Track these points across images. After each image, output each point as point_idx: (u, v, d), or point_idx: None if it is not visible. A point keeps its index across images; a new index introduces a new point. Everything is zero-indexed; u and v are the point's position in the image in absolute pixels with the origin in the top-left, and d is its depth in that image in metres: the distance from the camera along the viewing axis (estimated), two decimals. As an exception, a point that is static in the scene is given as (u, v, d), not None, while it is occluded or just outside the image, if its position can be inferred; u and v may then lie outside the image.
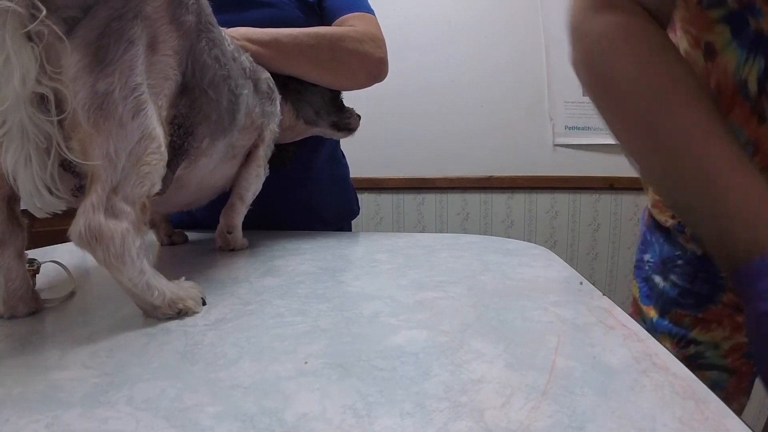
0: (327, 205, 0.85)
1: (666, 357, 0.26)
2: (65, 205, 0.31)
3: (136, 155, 0.31)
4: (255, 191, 0.60)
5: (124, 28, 0.30)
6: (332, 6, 0.75)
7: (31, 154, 0.28)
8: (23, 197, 0.28)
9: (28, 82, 0.26)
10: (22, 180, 0.28)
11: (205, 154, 0.46)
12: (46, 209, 0.30)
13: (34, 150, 0.28)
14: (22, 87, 0.26)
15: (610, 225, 1.72)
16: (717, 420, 0.20)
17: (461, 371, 0.24)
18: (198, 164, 0.47)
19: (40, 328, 0.33)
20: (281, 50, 0.64)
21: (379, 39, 0.73)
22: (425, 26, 1.73)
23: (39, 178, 0.28)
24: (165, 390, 0.23)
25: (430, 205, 1.76)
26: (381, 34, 0.75)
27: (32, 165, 0.28)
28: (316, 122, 0.72)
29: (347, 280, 0.44)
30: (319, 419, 0.20)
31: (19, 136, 0.27)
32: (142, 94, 0.31)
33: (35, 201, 0.29)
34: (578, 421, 0.20)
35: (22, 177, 0.28)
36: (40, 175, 0.28)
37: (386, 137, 1.72)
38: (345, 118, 0.75)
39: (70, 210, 0.32)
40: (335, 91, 0.74)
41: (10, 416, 0.21)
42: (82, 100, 0.29)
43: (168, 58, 0.35)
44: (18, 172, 0.27)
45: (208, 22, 0.42)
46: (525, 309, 0.34)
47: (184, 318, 0.33)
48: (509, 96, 1.72)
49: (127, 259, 0.30)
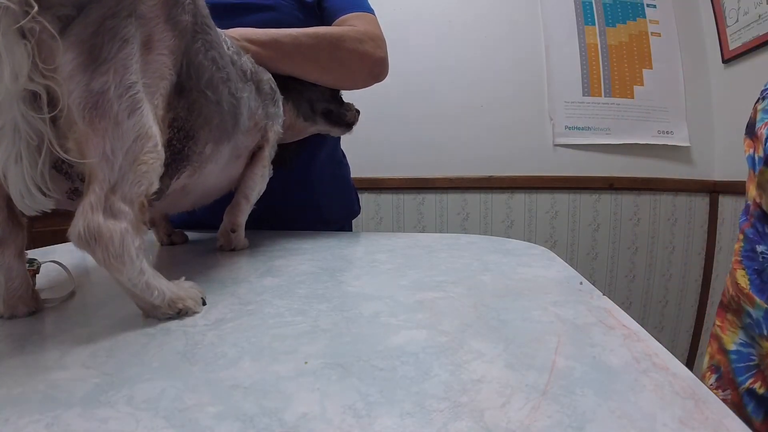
0: (328, 205, 0.85)
1: (666, 357, 0.26)
2: (55, 205, 0.30)
3: (133, 154, 0.31)
4: (260, 191, 0.61)
5: (119, 26, 0.30)
6: (332, 6, 0.75)
7: (22, 152, 0.27)
8: (13, 195, 0.28)
9: (20, 78, 0.26)
10: (12, 178, 0.27)
11: (210, 160, 0.46)
12: (36, 208, 0.29)
13: (25, 148, 0.27)
14: (14, 84, 0.26)
15: (610, 225, 1.72)
16: (717, 420, 0.20)
17: (461, 371, 0.24)
18: (204, 171, 0.46)
19: (40, 328, 0.33)
20: (281, 50, 0.64)
21: (379, 38, 0.73)
22: (425, 26, 1.73)
23: (29, 177, 0.28)
24: (165, 390, 0.23)
25: (430, 205, 1.76)
26: (381, 33, 0.75)
27: (23, 163, 0.27)
28: (314, 119, 0.72)
29: (347, 280, 0.44)
30: (319, 419, 0.20)
31: (10, 133, 0.27)
32: (137, 93, 0.31)
33: (25, 200, 0.28)
34: (578, 421, 0.20)
35: (12, 175, 0.27)
36: (30, 173, 0.28)
37: (386, 137, 1.72)
38: (343, 112, 0.75)
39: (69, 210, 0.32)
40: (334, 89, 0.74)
41: (10, 416, 0.21)
42: (77, 98, 0.28)
43: (163, 58, 0.35)
44: (8, 170, 0.27)
45: (204, 23, 0.41)
46: (525, 309, 0.34)
47: (184, 318, 0.33)
48: (509, 96, 1.72)
49: (127, 259, 0.30)
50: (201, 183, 0.48)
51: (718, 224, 1.67)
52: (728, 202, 1.62)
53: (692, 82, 1.70)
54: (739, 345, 0.68)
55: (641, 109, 1.70)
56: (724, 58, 1.60)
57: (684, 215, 1.72)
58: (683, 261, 1.73)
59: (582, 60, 1.71)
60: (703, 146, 1.70)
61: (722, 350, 0.71)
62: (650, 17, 1.71)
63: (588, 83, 1.71)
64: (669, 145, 1.69)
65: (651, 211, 1.72)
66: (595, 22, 1.72)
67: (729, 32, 1.56)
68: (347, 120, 0.76)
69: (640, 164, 1.70)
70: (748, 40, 1.47)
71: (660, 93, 1.70)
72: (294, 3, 0.73)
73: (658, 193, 1.71)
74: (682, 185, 1.69)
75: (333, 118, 0.74)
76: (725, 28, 1.58)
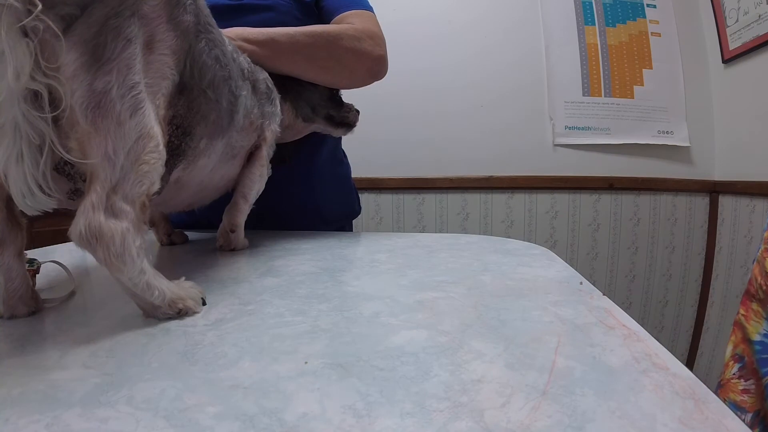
0: (328, 205, 0.84)
1: (666, 357, 0.26)
2: (56, 204, 0.30)
3: (134, 154, 0.31)
4: (258, 190, 0.60)
5: (122, 26, 0.30)
6: (330, 4, 0.75)
7: (24, 152, 0.27)
8: (14, 195, 0.28)
9: (22, 77, 0.26)
10: (14, 178, 0.27)
11: (203, 154, 0.46)
12: (37, 207, 0.29)
13: (26, 147, 0.27)
14: (16, 82, 0.26)
15: (610, 225, 1.72)
16: (717, 420, 0.20)
17: (461, 371, 0.24)
18: (197, 165, 0.46)
19: (40, 328, 0.33)
20: (278, 49, 0.64)
21: (377, 36, 0.73)
22: (425, 26, 1.73)
23: (31, 176, 0.28)
24: (165, 390, 0.23)
25: (430, 205, 1.76)
26: (380, 32, 0.74)
27: (24, 163, 0.27)
28: (313, 119, 0.72)
29: (347, 280, 0.44)
30: (319, 419, 0.20)
31: (12, 132, 0.26)
32: (139, 93, 0.31)
33: (27, 200, 0.28)
34: (578, 421, 0.20)
35: (13, 174, 0.27)
36: (32, 172, 0.28)
37: (386, 137, 1.72)
38: (343, 113, 0.75)
39: (70, 210, 0.32)
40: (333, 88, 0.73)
41: (10, 416, 0.21)
42: (79, 98, 0.28)
43: (165, 58, 0.35)
44: (9, 169, 0.27)
45: (207, 22, 0.41)
46: (525, 309, 0.34)
47: (184, 318, 0.33)
48: (509, 96, 1.72)
49: (128, 258, 0.30)
50: (194, 177, 0.48)
51: (718, 224, 1.67)
52: (728, 202, 1.62)
53: (692, 82, 1.70)
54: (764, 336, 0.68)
55: (641, 109, 1.70)
56: (724, 58, 1.60)
57: (684, 215, 1.72)
58: (683, 261, 1.73)
59: (582, 60, 1.71)
60: (703, 146, 1.70)
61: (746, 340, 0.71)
62: (650, 17, 1.72)
63: (588, 83, 1.71)
64: (669, 145, 1.69)
65: (651, 211, 1.72)
66: (595, 22, 1.72)
67: (729, 32, 1.56)
68: (348, 121, 0.76)
69: (640, 164, 1.70)
70: (748, 40, 1.47)
71: (660, 93, 1.70)
72: (293, 3, 0.73)
73: (658, 193, 1.71)
74: (682, 185, 1.70)
75: (334, 120, 0.74)
76: (725, 28, 1.58)
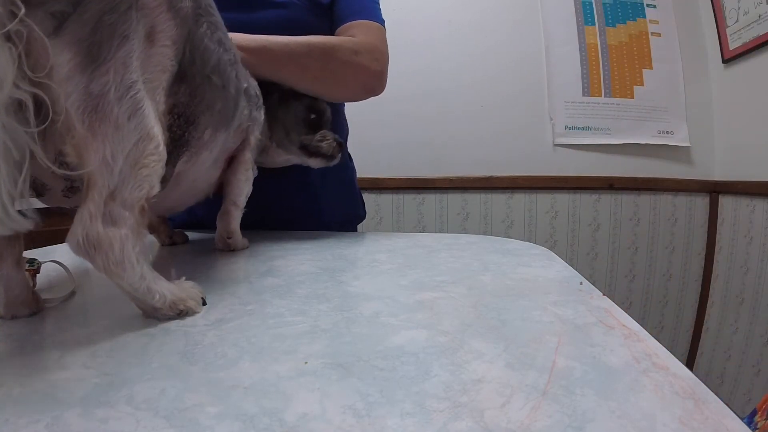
0: (332, 211, 0.82)
1: (666, 357, 0.26)
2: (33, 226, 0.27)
3: (134, 158, 0.30)
4: (247, 194, 0.60)
5: (118, 21, 0.28)
6: (341, 10, 0.73)
7: (1, 168, 0.24)
8: None
9: (4, 86, 0.23)
10: None
11: (206, 146, 0.45)
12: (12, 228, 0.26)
13: (3, 163, 0.24)
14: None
15: (610, 225, 1.72)
16: (717, 420, 0.20)
17: (461, 371, 0.24)
18: (200, 158, 0.45)
19: (40, 328, 0.33)
20: (270, 58, 0.62)
21: (378, 51, 0.70)
22: (425, 26, 1.73)
23: (7, 195, 0.25)
24: (165, 390, 0.23)
25: (430, 205, 1.76)
26: (383, 46, 0.71)
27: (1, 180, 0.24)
28: (286, 146, 0.67)
29: (347, 280, 0.44)
30: (319, 419, 0.20)
31: None
32: (138, 92, 0.30)
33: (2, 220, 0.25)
34: (578, 421, 0.20)
35: None
36: (9, 190, 0.25)
37: (386, 137, 1.72)
38: (316, 141, 0.67)
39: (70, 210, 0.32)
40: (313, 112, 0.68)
41: (10, 416, 0.21)
42: (75, 102, 0.27)
43: (166, 49, 0.33)
44: None
45: (208, 4, 0.40)
46: (525, 309, 0.34)
47: (185, 318, 0.33)
48: (509, 96, 1.72)
49: (127, 265, 0.29)
50: (193, 172, 0.47)
51: (718, 224, 1.67)
52: (728, 202, 1.62)
53: (692, 82, 1.70)
54: None
55: (641, 109, 1.70)
56: (724, 58, 1.60)
57: (684, 215, 1.72)
58: (683, 261, 1.73)
59: (582, 60, 1.71)
60: (703, 146, 1.70)
61: None
62: (650, 17, 1.72)
63: (588, 83, 1.71)
64: (669, 145, 1.69)
65: (651, 211, 1.72)
66: (595, 22, 1.72)
67: (729, 32, 1.56)
68: (321, 152, 0.67)
69: (640, 164, 1.70)
70: (748, 40, 1.47)
71: (660, 93, 1.70)
72: (307, 2, 0.71)
73: (658, 193, 1.71)
74: (682, 185, 1.70)
75: (308, 149, 0.67)
76: (725, 28, 1.58)
